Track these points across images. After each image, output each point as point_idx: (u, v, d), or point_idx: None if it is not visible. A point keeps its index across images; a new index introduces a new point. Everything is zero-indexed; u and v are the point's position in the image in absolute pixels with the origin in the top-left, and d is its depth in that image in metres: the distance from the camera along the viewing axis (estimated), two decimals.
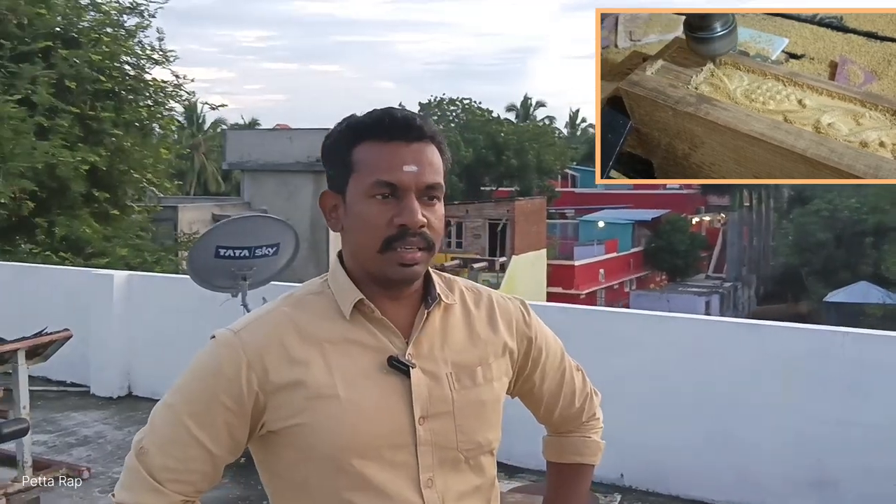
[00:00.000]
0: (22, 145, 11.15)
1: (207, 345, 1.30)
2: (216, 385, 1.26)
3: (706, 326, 4.93)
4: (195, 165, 41.40)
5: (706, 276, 45.28)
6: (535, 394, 1.52)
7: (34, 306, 6.77)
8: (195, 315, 6.20)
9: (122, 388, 6.58)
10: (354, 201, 1.29)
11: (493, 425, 1.37)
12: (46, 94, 11.51)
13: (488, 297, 1.44)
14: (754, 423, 4.41)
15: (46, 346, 4.54)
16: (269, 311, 1.33)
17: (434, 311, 1.34)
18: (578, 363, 1.58)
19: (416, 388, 1.28)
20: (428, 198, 1.28)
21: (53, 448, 5.35)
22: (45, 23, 12.17)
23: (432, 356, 1.32)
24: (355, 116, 1.32)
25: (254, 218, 5.58)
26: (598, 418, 1.60)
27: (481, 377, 1.35)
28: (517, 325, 1.44)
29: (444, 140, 1.34)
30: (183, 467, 1.26)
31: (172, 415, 1.28)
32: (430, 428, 1.29)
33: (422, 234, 1.26)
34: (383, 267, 1.27)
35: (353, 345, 1.29)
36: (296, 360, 1.27)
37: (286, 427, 1.26)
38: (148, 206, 15.34)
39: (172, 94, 14.33)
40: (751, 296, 44.49)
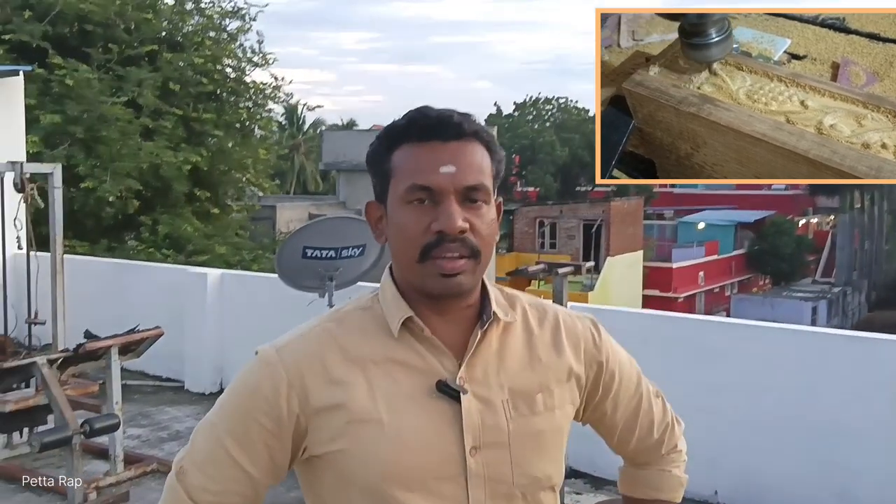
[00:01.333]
0: (128, 146, 11.63)
1: (250, 361, 1.23)
2: (255, 405, 1.18)
3: (811, 339, 4.62)
4: (295, 165, 42.38)
5: (813, 280, 43.43)
6: (607, 423, 1.37)
7: (133, 302, 6.99)
8: (284, 314, 6.24)
9: (215, 384, 6.71)
10: (393, 209, 1.19)
11: (553, 459, 1.23)
12: (152, 96, 11.97)
13: (554, 316, 1.30)
14: (861, 446, 4.11)
15: (139, 342, 4.65)
16: (313, 328, 1.24)
17: (491, 331, 1.21)
18: (658, 388, 1.43)
19: (468, 416, 1.17)
20: (471, 201, 1.16)
21: (146, 442, 5.49)
22: (151, 27, 12.65)
23: (486, 381, 1.19)
24: (394, 121, 1.22)
25: (340, 219, 5.58)
26: (679, 450, 1.43)
27: (541, 405, 1.22)
28: (586, 347, 1.30)
29: (491, 137, 1.21)
30: (220, 488, 1.20)
31: (211, 434, 1.22)
32: (483, 460, 1.17)
33: (463, 241, 1.14)
34: (423, 278, 1.16)
35: (398, 366, 1.18)
36: (336, 380, 1.17)
37: (327, 452, 1.17)
38: (247, 205, 15.76)
39: (271, 95, 14.69)
40: (861, 302, 42.42)
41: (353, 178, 22.39)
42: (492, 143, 1.21)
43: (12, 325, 5.85)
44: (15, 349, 5.69)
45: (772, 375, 4.40)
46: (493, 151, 1.21)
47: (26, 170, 4.96)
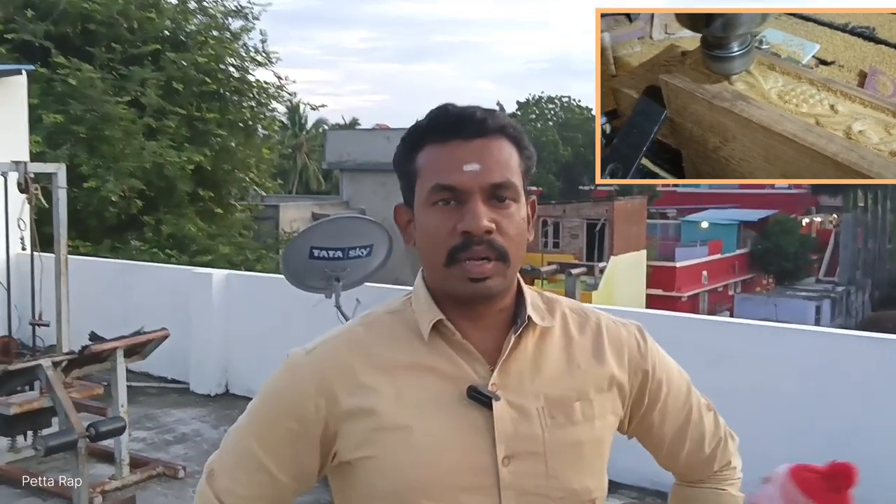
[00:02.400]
0: (131, 146, 11.60)
1: (281, 365, 1.20)
2: (282, 409, 1.16)
3: (825, 340, 4.56)
4: (297, 165, 42.36)
5: (817, 279, 43.38)
6: (654, 435, 1.29)
7: (138, 303, 6.95)
8: (290, 314, 6.23)
9: (220, 386, 6.66)
10: (418, 212, 1.15)
11: (594, 471, 1.17)
12: (155, 95, 11.93)
13: (596, 322, 1.24)
14: (878, 448, 4.05)
15: (144, 344, 4.61)
16: (343, 331, 1.20)
17: (527, 336, 1.16)
18: (710, 400, 1.35)
19: (500, 424, 1.11)
20: (498, 199, 1.10)
21: (152, 445, 5.44)
22: (154, 27, 12.61)
23: (521, 387, 1.14)
24: (418, 121, 1.17)
25: (347, 219, 5.53)
26: (734, 467, 1.35)
27: (579, 414, 1.15)
28: (630, 354, 1.23)
29: (520, 133, 1.16)
30: (248, 493, 1.18)
31: (240, 438, 1.20)
32: (516, 470, 1.11)
33: (490, 242, 1.09)
34: (451, 283, 1.11)
35: (428, 371, 1.13)
36: (365, 386, 1.13)
37: (356, 459, 1.13)
38: (250, 205, 15.72)
39: (275, 94, 14.67)
40: (865, 301, 42.34)
41: (357, 178, 22.34)
42: (520, 138, 1.16)
43: (16, 327, 5.80)
44: (19, 351, 5.65)
45: (783, 378, 4.34)
46: (523, 147, 1.16)
47: (30, 170, 4.91)
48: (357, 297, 5.52)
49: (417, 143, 1.15)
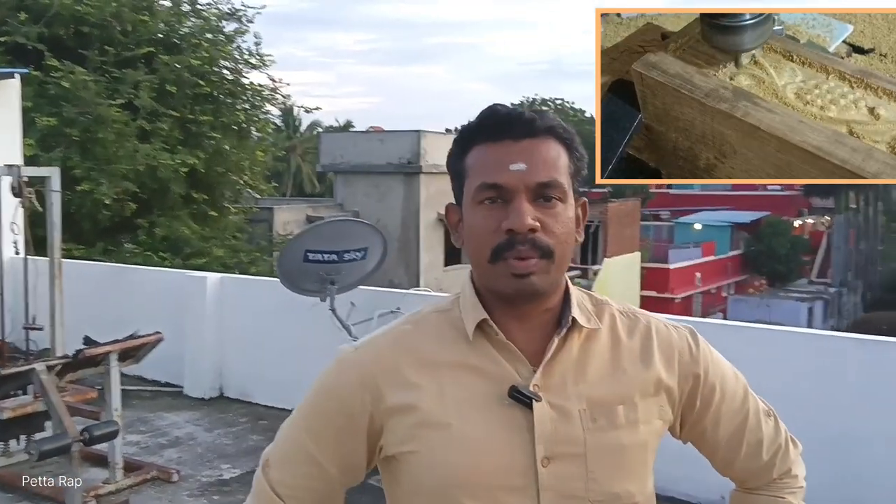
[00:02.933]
0: (125, 148, 11.56)
1: (331, 361, 1.24)
2: (331, 403, 1.21)
3: (819, 342, 4.58)
4: (291, 167, 42.28)
5: (809, 281, 43.48)
6: (708, 440, 1.28)
7: (131, 306, 6.93)
8: (285, 318, 6.23)
9: (214, 389, 6.65)
10: (466, 210, 1.17)
11: (636, 475, 1.16)
12: (148, 98, 11.90)
13: (646, 325, 1.24)
14: (874, 455, 4.06)
15: (138, 348, 4.59)
16: (391, 329, 1.24)
17: (572, 338, 1.17)
18: (771, 406, 1.34)
19: (540, 424, 1.12)
20: (545, 199, 1.12)
21: (145, 449, 5.42)
22: (147, 29, 12.58)
23: (563, 389, 1.15)
24: (468, 123, 1.20)
25: (342, 222, 5.54)
26: (795, 476, 1.33)
27: (623, 417, 1.16)
28: (681, 358, 1.23)
29: (570, 134, 1.17)
30: (298, 483, 1.22)
31: (293, 430, 1.25)
32: (555, 472, 1.12)
33: (533, 241, 1.10)
34: (496, 280, 1.13)
35: (471, 370, 1.16)
36: (409, 383, 1.16)
37: (400, 453, 1.17)
38: (244, 208, 15.68)
39: (269, 97, 14.64)
40: (857, 302, 42.43)
41: (351, 180, 22.31)
42: (570, 139, 1.17)
43: (9, 330, 5.79)
44: (12, 354, 5.63)
45: (779, 380, 4.33)
46: (572, 148, 1.17)
47: (24, 174, 4.90)
48: (351, 300, 5.53)
49: (468, 143, 1.17)
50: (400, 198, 21.18)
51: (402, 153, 21.15)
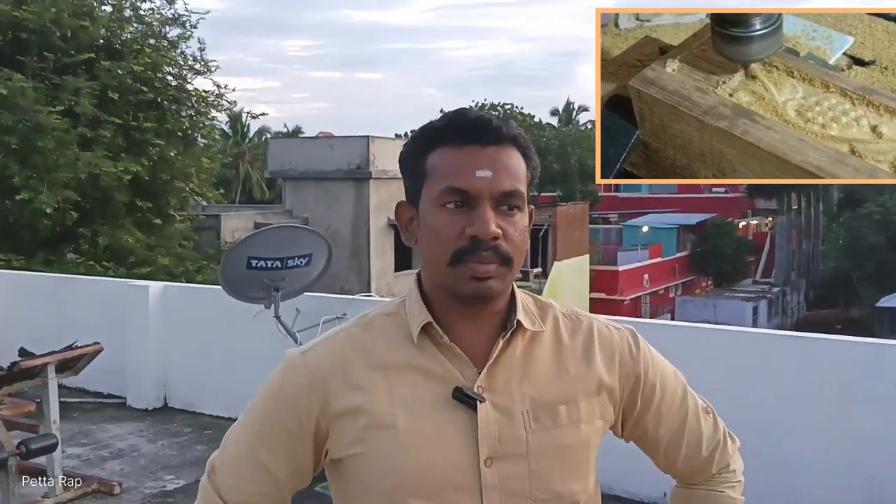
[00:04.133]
0: (65, 156, 11.33)
1: (278, 365, 1.25)
2: (278, 407, 1.21)
3: (751, 339, 4.70)
4: (240, 174, 41.85)
5: (754, 280, 44.47)
6: (650, 439, 1.31)
7: (72, 317, 6.80)
8: (230, 326, 6.17)
9: (158, 400, 6.55)
10: (426, 211, 1.17)
11: (579, 474, 1.19)
12: (89, 105, 11.68)
13: (588, 327, 1.27)
14: (804, 442, 4.19)
15: (77, 359, 4.52)
16: (339, 332, 1.24)
17: (516, 340, 1.19)
18: (709, 404, 1.37)
19: (484, 425, 1.14)
20: (507, 207, 1.15)
21: (87, 462, 5.33)
22: (88, 35, 12.36)
23: (508, 390, 1.17)
24: (430, 122, 1.21)
25: (285, 228, 5.52)
26: (733, 470, 1.36)
27: (565, 417, 1.18)
28: (622, 359, 1.26)
29: (528, 144, 1.20)
30: (247, 488, 1.22)
31: (240, 435, 1.25)
32: (498, 471, 1.14)
33: (495, 248, 1.13)
34: (454, 282, 1.15)
35: (419, 373, 1.17)
36: (357, 385, 1.17)
37: (347, 456, 1.18)
38: (190, 215, 15.47)
39: (214, 103, 14.47)
40: (800, 301, 43.56)
41: (300, 187, 22.18)
42: (528, 149, 1.20)
43: None
44: None
45: (716, 377, 4.44)
46: (530, 158, 1.20)
47: None
48: (297, 306, 5.51)
49: (431, 143, 1.18)
50: (350, 204, 21.13)
51: (352, 159, 21.11)
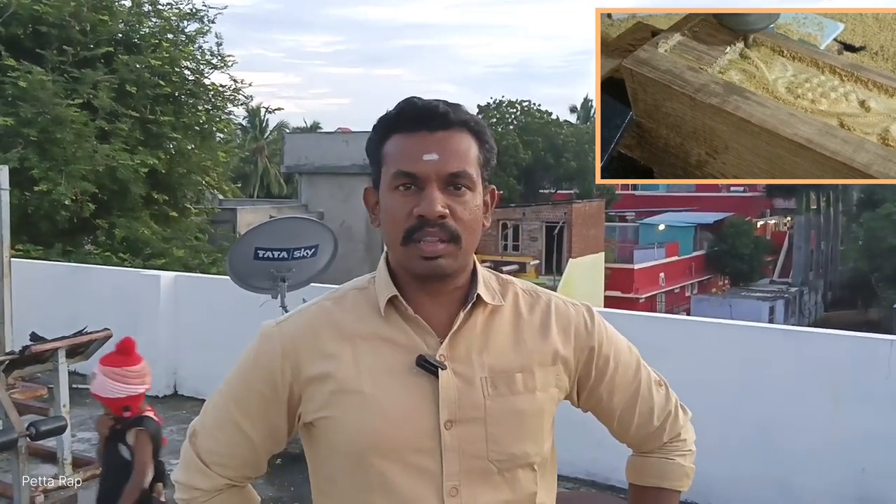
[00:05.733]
0: (83, 149, 11.49)
1: (256, 336, 1.34)
2: (254, 374, 1.30)
3: (747, 334, 4.74)
4: (258, 168, 42.11)
5: (771, 280, 44.15)
6: (604, 408, 1.40)
7: (86, 306, 6.93)
8: (239, 316, 6.26)
9: (169, 387, 6.68)
10: (382, 194, 1.27)
11: (533, 437, 1.28)
12: (107, 98, 11.83)
13: (546, 302, 1.35)
14: (797, 435, 4.24)
15: (87, 344, 4.63)
16: (312, 305, 1.34)
17: (477, 313, 1.28)
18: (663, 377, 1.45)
19: (445, 391, 1.23)
20: (455, 187, 1.22)
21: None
22: (107, 29, 12.51)
23: (468, 359, 1.25)
24: (387, 112, 1.29)
25: (292, 220, 5.60)
26: (683, 439, 1.44)
27: (521, 385, 1.26)
28: (577, 332, 1.34)
29: (481, 127, 1.27)
30: (225, 451, 1.32)
31: (220, 401, 1.34)
32: (458, 434, 1.23)
33: (442, 226, 1.20)
34: (407, 260, 1.24)
35: (384, 342, 1.26)
36: (327, 353, 1.26)
37: (317, 419, 1.26)
38: (206, 209, 15.64)
39: (231, 97, 14.61)
40: (818, 302, 43.20)
41: (316, 181, 22.32)
42: (481, 132, 1.27)
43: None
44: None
45: (710, 371, 4.50)
46: (483, 140, 1.27)
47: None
48: (303, 297, 5.60)
49: (386, 131, 1.26)
50: None
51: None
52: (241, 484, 1.37)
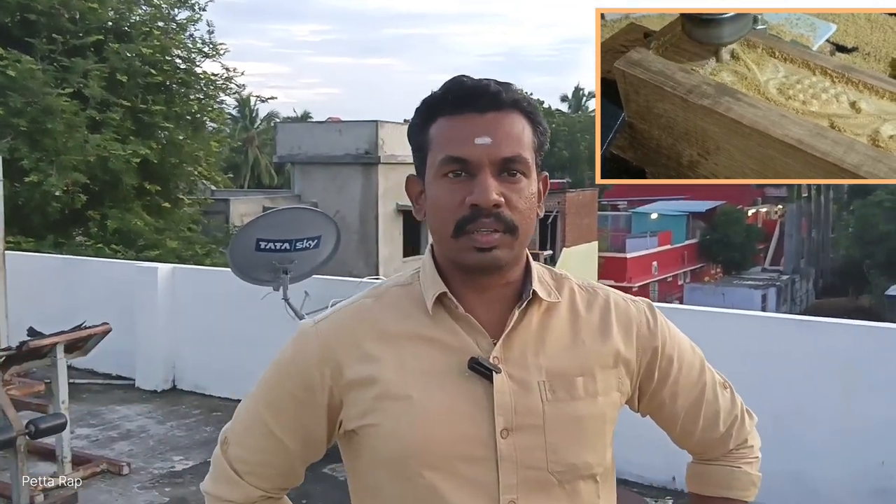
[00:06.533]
0: (74, 139, 11.34)
1: (291, 336, 1.23)
2: (289, 377, 1.20)
3: (760, 323, 4.67)
4: (249, 158, 41.87)
5: (763, 268, 44.31)
6: (666, 413, 1.29)
7: (82, 299, 6.81)
8: (238, 308, 6.17)
9: (167, 382, 6.57)
10: (429, 183, 1.15)
11: (594, 446, 1.17)
12: (98, 87, 11.68)
13: (605, 299, 1.24)
14: (812, 426, 4.17)
15: (86, 339, 4.52)
16: (352, 303, 1.23)
17: (532, 311, 1.17)
18: (727, 379, 1.34)
19: (500, 396, 1.12)
20: (509, 173, 1.11)
21: (96, 442, 5.35)
22: (97, 17, 12.34)
23: (523, 361, 1.14)
24: (431, 93, 1.17)
25: (294, 210, 5.49)
26: (750, 446, 1.33)
27: (581, 389, 1.16)
28: (639, 331, 1.23)
29: (534, 108, 1.16)
30: (258, 459, 1.22)
31: (251, 407, 1.24)
32: (514, 443, 1.12)
33: (497, 216, 1.09)
34: (459, 253, 1.12)
35: (432, 343, 1.15)
36: (369, 355, 1.16)
37: (360, 427, 1.15)
38: (199, 199, 15.49)
39: (223, 87, 14.45)
40: (809, 289, 43.40)
41: (309, 171, 22.15)
42: (534, 113, 1.16)
43: None
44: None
45: (724, 361, 4.42)
46: (536, 122, 1.16)
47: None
48: (305, 289, 5.49)
49: (431, 114, 1.15)
50: (358, 189, 21.09)
51: (360, 144, 21.05)
52: (277, 496, 1.26)
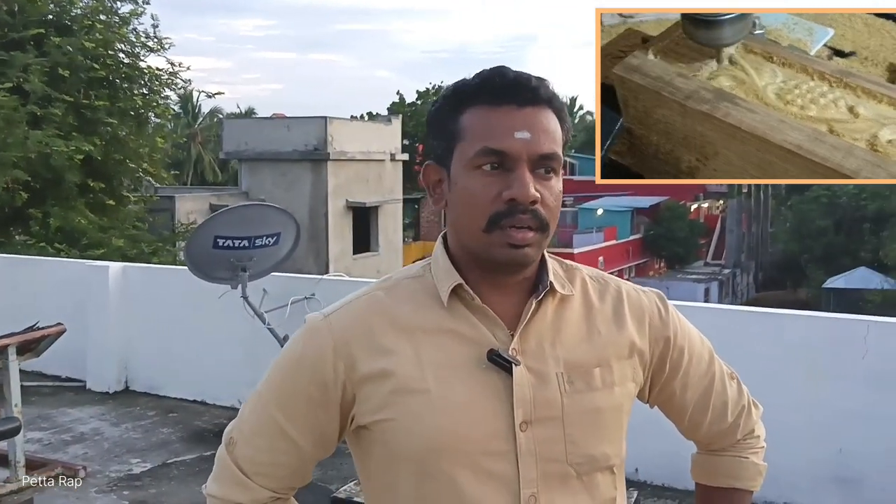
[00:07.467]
0: (14, 135, 10.99)
1: (299, 329, 1.19)
2: (301, 373, 1.16)
3: (722, 316, 4.76)
4: (192, 155, 41.16)
5: (705, 262, 45.22)
6: (676, 404, 1.29)
7: (28, 299, 6.61)
8: (193, 307, 6.05)
9: (119, 383, 6.41)
10: (459, 174, 1.12)
11: (612, 437, 1.16)
12: (39, 82, 11.36)
13: (616, 289, 1.24)
14: (773, 417, 4.22)
15: (38, 341, 4.37)
16: (362, 294, 1.19)
17: (546, 302, 1.16)
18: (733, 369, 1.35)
19: (519, 389, 1.10)
20: (544, 170, 1.10)
21: (48, 446, 5.19)
22: (36, 10, 12.01)
23: (541, 353, 1.13)
24: (463, 80, 1.14)
25: (253, 207, 5.42)
26: (757, 436, 1.35)
27: (599, 380, 1.15)
28: (651, 321, 1.23)
29: (563, 106, 1.15)
30: (269, 459, 1.18)
31: (259, 404, 1.20)
32: (534, 435, 1.11)
33: (534, 212, 1.08)
34: (489, 248, 1.10)
35: (449, 335, 1.13)
36: (384, 348, 1.13)
37: (374, 422, 1.13)
38: (144, 197, 15.17)
39: (167, 81, 14.17)
40: (749, 283, 44.43)
41: (257, 168, 21.84)
42: (563, 111, 1.15)
43: None
44: None
45: None
46: (564, 120, 1.15)
47: None
48: (264, 287, 5.42)
49: (465, 102, 1.12)
50: (308, 186, 20.88)
51: (309, 140, 20.85)
52: (285, 496, 1.23)
